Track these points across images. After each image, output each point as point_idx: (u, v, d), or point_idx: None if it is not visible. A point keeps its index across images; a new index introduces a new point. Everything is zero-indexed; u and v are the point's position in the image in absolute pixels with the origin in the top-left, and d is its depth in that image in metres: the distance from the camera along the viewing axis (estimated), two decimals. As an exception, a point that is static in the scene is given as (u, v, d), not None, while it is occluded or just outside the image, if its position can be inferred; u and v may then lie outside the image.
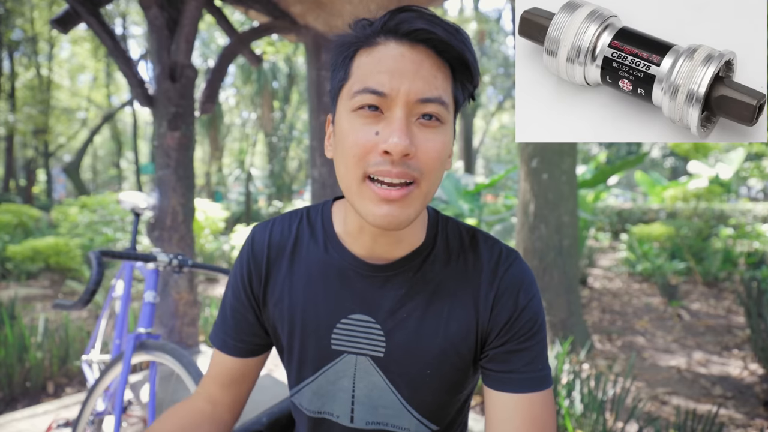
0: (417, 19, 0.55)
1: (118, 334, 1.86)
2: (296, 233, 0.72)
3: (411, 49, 0.56)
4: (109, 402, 1.71)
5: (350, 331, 0.67)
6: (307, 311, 0.69)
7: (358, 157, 0.56)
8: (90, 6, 2.40)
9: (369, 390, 0.68)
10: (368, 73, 0.56)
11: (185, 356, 1.33)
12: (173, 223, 2.60)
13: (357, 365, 0.68)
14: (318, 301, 0.68)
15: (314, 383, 0.70)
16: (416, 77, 0.55)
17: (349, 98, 0.58)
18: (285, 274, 0.70)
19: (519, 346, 0.64)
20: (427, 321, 0.66)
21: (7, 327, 2.62)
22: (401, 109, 0.55)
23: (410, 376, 0.66)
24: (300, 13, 2.92)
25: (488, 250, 0.68)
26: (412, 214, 0.58)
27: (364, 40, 0.58)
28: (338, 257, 0.68)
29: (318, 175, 3.04)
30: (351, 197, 0.59)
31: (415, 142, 0.56)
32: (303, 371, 0.71)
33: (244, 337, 0.74)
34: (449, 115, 0.59)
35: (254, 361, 0.76)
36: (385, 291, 0.66)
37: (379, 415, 0.69)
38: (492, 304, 0.65)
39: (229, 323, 0.74)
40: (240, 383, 0.76)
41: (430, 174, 0.57)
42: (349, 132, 0.57)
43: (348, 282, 0.67)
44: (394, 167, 0.54)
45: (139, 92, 2.58)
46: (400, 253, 0.67)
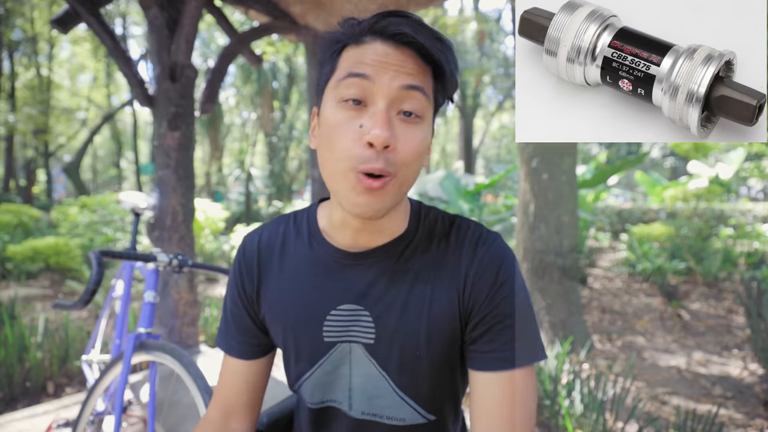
0: (403, 24, 0.59)
1: (118, 334, 1.86)
2: (283, 234, 0.75)
3: (396, 49, 0.60)
4: (109, 402, 1.71)
5: (341, 322, 0.69)
6: (297, 307, 0.71)
7: (343, 150, 0.59)
8: (90, 6, 2.40)
9: (364, 379, 0.70)
10: (353, 63, 0.60)
11: (185, 356, 1.33)
12: (173, 223, 2.60)
13: (351, 353, 0.70)
14: (307, 296, 0.71)
15: (313, 377, 0.72)
16: (400, 70, 0.59)
17: (335, 87, 0.61)
18: (275, 274, 0.73)
19: (499, 324, 0.66)
20: (412, 304, 0.68)
21: (7, 327, 2.62)
22: (384, 100, 0.59)
23: (400, 361, 0.68)
24: (300, 13, 2.92)
25: (469, 232, 0.70)
26: (388, 203, 0.61)
27: (352, 38, 0.62)
28: (322, 251, 0.71)
29: (318, 175, 3.04)
30: (334, 186, 0.62)
31: (395, 135, 0.59)
32: (300, 366, 0.73)
33: (248, 339, 0.76)
34: (429, 111, 0.63)
35: (262, 363, 0.78)
36: (370, 279, 0.69)
37: (374, 406, 0.70)
38: (473, 282, 0.67)
39: (231, 328, 0.77)
40: (252, 388, 0.78)
41: (407, 168, 0.61)
42: (334, 124, 0.60)
43: (334, 274, 0.70)
44: (377, 163, 0.58)
45: (139, 92, 2.58)
46: (382, 241, 0.69)
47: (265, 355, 0.78)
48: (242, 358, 0.77)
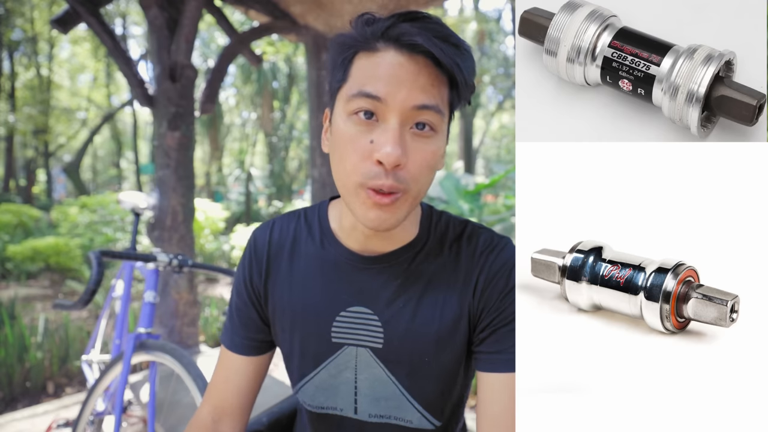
0: (417, 33, 0.56)
1: (118, 334, 1.86)
2: (294, 232, 0.74)
3: (410, 59, 0.57)
4: (109, 402, 1.71)
5: (349, 324, 0.69)
6: (306, 305, 0.70)
7: (354, 165, 0.58)
8: (90, 6, 2.40)
9: (371, 382, 0.69)
10: (366, 78, 0.57)
11: (185, 356, 1.33)
12: (173, 223, 2.60)
13: (358, 357, 0.69)
14: (317, 295, 0.70)
15: (317, 377, 0.72)
16: (413, 86, 0.57)
17: (346, 101, 0.59)
18: (285, 271, 0.72)
19: (506, 327, 0.66)
20: (423, 309, 0.67)
21: (7, 327, 2.62)
22: (396, 118, 0.57)
23: (409, 365, 0.68)
24: (300, 13, 2.92)
25: (480, 237, 0.70)
26: (401, 216, 0.60)
27: (364, 43, 0.59)
28: (334, 252, 0.70)
29: (318, 175, 3.05)
30: (346, 198, 0.62)
31: (407, 152, 0.57)
32: (305, 366, 0.72)
33: (251, 334, 0.76)
34: (443, 123, 0.61)
35: (261, 362, 0.78)
36: (381, 283, 0.68)
37: (382, 407, 0.70)
38: (483, 287, 0.67)
39: (235, 323, 0.76)
40: (247, 389, 0.77)
41: (418, 183, 0.59)
42: (345, 137, 0.59)
43: (345, 275, 0.69)
44: (386, 180, 0.56)
45: (139, 92, 2.59)
46: (393, 248, 0.69)
47: (265, 353, 0.78)
48: (243, 353, 0.75)
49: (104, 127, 18.40)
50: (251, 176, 13.78)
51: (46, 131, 15.11)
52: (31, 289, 5.02)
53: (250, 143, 15.88)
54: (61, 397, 2.57)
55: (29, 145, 17.03)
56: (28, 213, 7.38)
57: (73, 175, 14.70)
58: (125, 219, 6.26)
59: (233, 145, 18.99)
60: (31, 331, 2.80)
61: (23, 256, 5.28)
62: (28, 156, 17.69)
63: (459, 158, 16.54)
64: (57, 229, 6.76)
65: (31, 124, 14.25)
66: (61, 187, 19.87)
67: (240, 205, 14.03)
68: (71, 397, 2.44)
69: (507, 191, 8.86)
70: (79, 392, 2.59)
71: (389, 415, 0.70)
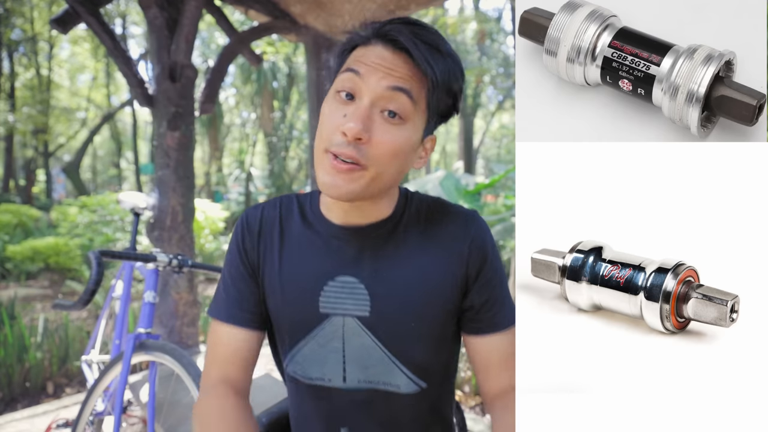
0: (402, 32, 0.63)
1: (117, 334, 1.86)
2: (286, 210, 0.78)
3: (393, 54, 0.64)
4: (109, 402, 1.71)
5: (337, 293, 0.72)
6: (295, 278, 0.74)
7: (325, 134, 0.64)
8: (90, 6, 2.40)
9: (358, 350, 0.73)
10: (354, 61, 0.66)
11: (185, 356, 1.33)
12: (173, 223, 2.60)
13: (345, 326, 0.72)
14: (305, 267, 0.74)
15: (306, 348, 0.74)
16: (390, 72, 0.63)
17: (335, 81, 0.67)
18: (276, 246, 0.76)
19: (491, 291, 0.74)
20: (408, 277, 0.72)
21: (7, 327, 2.62)
22: (368, 97, 0.63)
23: (396, 331, 0.72)
24: (300, 13, 2.92)
25: (454, 210, 0.77)
26: (356, 189, 0.64)
27: (362, 39, 0.67)
28: (321, 227, 0.75)
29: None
30: (315, 166, 0.67)
31: (371, 131, 0.62)
32: (294, 337, 0.74)
33: (250, 307, 0.76)
34: (415, 115, 0.65)
35: (258, 338, 0.77)
36: (366, 253, 0.73)
37: (370, 373, 0.73)
38: (467, 257, 0.73)
39: (232, 296, 0.76)
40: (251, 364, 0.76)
41: (381, 163, 0.64)
42: (326, 112, 0.66)
43: (331, 247, 0.74)
44: (347, 149, 0.62)
45: (139, 92, 2.58)
46: (371, 221, 0.73)
47: (262, 329, 0.77)
48: (245, 326, 0.74)
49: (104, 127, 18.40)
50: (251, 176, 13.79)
51: (45, 131, 15.10)
52: (30, 289, 5.02)
53: (249, 143, 15.88)
54: (60, 397, 2.57)
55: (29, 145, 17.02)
56: (28, 213, 7.39)
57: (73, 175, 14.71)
58: (125, 219, 6.25)
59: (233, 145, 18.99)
60: (31, 331, 2.80)
61: (23, 256, 5.28)
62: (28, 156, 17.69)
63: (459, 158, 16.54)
64: (57, 229, 6.76)
65: (31, 123, 14.23)
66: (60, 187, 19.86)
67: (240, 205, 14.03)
68: (71, 397, 2.44)
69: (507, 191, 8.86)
70: (78, 392, 2.60)
71: (377, 380, 0.73)
